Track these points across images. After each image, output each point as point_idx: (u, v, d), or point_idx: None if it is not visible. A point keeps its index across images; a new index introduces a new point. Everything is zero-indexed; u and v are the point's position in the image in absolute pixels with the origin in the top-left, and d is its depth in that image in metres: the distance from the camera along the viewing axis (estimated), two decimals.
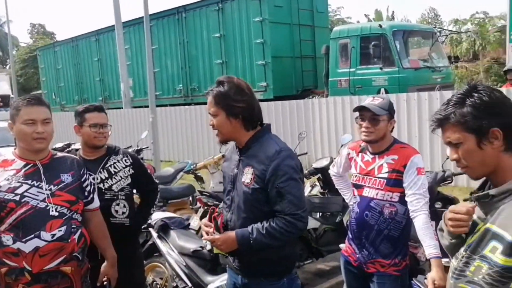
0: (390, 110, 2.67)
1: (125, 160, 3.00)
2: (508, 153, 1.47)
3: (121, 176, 2.93)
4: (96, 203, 2.55)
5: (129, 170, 2.98)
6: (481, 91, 1.47)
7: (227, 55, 13.42)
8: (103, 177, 2.90)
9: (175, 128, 12.83)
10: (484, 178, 1.57)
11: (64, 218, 2.26)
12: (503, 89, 7.67)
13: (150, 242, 4.20)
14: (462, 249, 1.59)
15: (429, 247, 2.42)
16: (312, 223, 4.64)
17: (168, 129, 12.97)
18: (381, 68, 10.52)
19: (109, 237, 2.60)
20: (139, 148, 7.17)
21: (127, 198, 2.94)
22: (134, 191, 3.13)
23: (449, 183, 4.07)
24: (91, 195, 2.50)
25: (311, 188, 5.28)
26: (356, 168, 2.80)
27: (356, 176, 2.79)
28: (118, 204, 2.89)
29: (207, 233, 2.28)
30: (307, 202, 4.80)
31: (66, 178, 2.34)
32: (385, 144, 2.69)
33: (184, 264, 3.52)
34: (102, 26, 17.80)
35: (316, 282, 4.60)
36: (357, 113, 2.73)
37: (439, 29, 13.37)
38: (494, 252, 1.42)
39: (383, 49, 10.47)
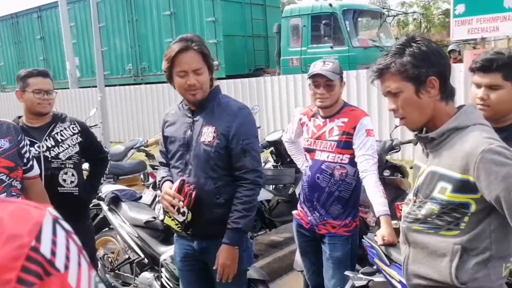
0: (341, 73, 2.71)
1: (73, 127, 2.89)
2: (443, 102, 1.55)
3: (68, 144, 2.82)
4: (36, 170, 2.44)
5: (77, 138, 2.87)
6: (419, 42, 1.54)
7: (177, 33, 13.08)
8: (49, 145, 2.78)
9: (125, 108, 12.52)
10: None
11: (3, 185, 2.16)
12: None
13: (100, 216, 4.11)
14: (410, 194, 1.67)
15: (378, 205, 2.49)
16: (265, 195, 4.68)
17: (118, 110, 12.63)
18: (331, 47, 10.66)
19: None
20: (88, 126, 6.93)
21: (75, 167, 2.83)
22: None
23: (397, 151, 4.21)
24: (30, 162, 2.39)
25: (264, 164, 5.32)
26: (308, 132, 2.83)
27: (308, 140, 2.82)
28: (66, 173, 2.78)
29: (174, 206, 2.22)
30: None
31: (3, 143, 2.23)
32: (336, 107, 2.73)
33: (137, 235, 3.46)
34: (45, 2, 16.91)
35: (269, 252, 4.66)
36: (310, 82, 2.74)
37: (387, 9, 13.67)
38: (444, 192, 1.49)
39: (333, 28, 10.61)
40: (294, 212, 3.02)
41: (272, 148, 5.11)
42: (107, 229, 4.00)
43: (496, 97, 1.90)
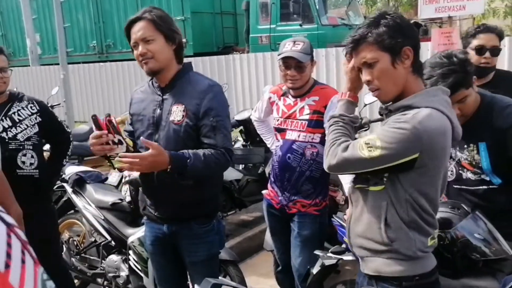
0: (311, 53, 2.65)
1: (31, 107, 2.75)
2: (415, 75, 1.61)
3: (26, 125, 2.68)
4: None
5: (35, 118, 2.73)
6: (392, 15, 1.59)
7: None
8: (6, 126, 2.64)
9: (90, 87, 12.15)
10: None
11: None
12: None
13: (64, 199, 3.99)
14: None
15: (348, 184, 2.48)
16: (235, 175, 4.65)
17: (82, 88, 12.25)
18: (300, 25, 10.58)
19: (11, 193, 2.25)
20: (49, 105, 6.67)
21: (35, 148, 2.70)
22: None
23: (366, 129, 4.22)
24: None
25: (234, 143, 5.26)
26: (278, 112, 2.78)
27: (278, 120, 2.77)
28: (25, 155, 2.65)
29: (104, 143, 1.97)
30: None
31: None
32: (306, 86, 2.69)
33: (103, 218, 3.37)
34: None
35: (239, 232, 4.65)
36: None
37: None
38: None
39: (302, 5, 10.52)
40: (264, 192, 2.99)
41: (241, 127, 5.06)
42: (72, 211, 3.88)
43: (464, 107, 1.99)
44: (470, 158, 2.04)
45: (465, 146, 2.05)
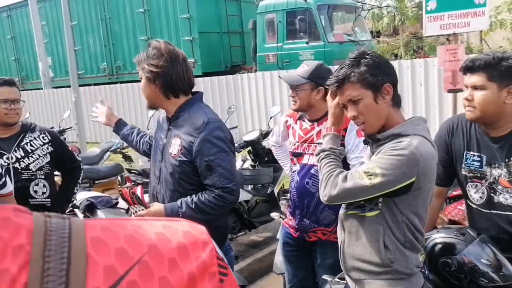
0: (311, 78, 2.54)
1: (43, 137, 2.81)
2: (394, 108, 1.75)
3: (39, 155, 2.75)
4: (9, 187, 2.28)
5: (47, 148, 2.80)
6: (371, 54, 1.73)
7: (152, 31, 12.96)
8: (19, 156, 2.70)
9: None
10: None
11: None
12: (420, 60, 8.09)
13: None
14: None
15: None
16: (244, 196, 4.67)
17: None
18: (307, 43, 10.65)
19: None
20: (61, 128, 6.80)
21: (47, 177, 2.76)
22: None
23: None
24: (3, 179, 2.23)
25: (243, 163, 5.30)
26: (294, 136, 2.70)
27: (295, 144, 2.68)
28: (37, 184, 2.71)
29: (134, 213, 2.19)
30: (238, 175, 4.82)
31: None
32: (319, 111, 2.59)
33: None
34: (14, 1, 16.48)
35: (249, 253, 4.65)
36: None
37: (361, 3, 13.74)
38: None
39: (308, 23, 10.59)
40: (273, 215, 2.99)
41: (249, 148, 5.10)
42: None
43: (479, 98, 1.94)
44: None
45: (506, 160, 1.96)
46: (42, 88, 13.35)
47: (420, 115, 7.32)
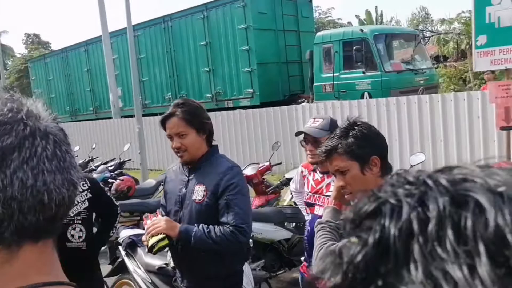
0: (332, 130, 2.65)
1: (83, 184, 3.05)
2: (383, 179, 1.66)
3: (77, 201, 2.99)
4: None
5: (86, 195, 3.03)
6: (360, 126, 1.74)
7: (213, 62, 13.49)
8: None
9: (164, 136, 12.82)
10: None
11: None
12: (477, 92, 7.75)
13: (120, 259, 4.27)
14: None
15: None
16: (285, 234, 4.71)
17: (157, 137, 13.03)
18: (364, 72, 10.60)
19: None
20: (121, 160, 7.23)
21: (83, 222, 2.98)
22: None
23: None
24: None
25: (291, 196, 5.35)
26: (308, 186, 2.82)
27: (307, 194, 2.80)
28: (74, 229, 2.93)
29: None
30: (279, 213, 4.86)
31: None
32: None
33: (150, 281, 3.58)
34: (94, 35, 17.85)
35: None
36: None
37: (421, 31, 13.44)
38: None
39: (365, 53, 10.56)
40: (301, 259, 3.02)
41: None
42: (128, 272, 4.15)
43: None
44: None
45: None
46: (112, 117, 14.22)
47: (478, 149, 7.03)
